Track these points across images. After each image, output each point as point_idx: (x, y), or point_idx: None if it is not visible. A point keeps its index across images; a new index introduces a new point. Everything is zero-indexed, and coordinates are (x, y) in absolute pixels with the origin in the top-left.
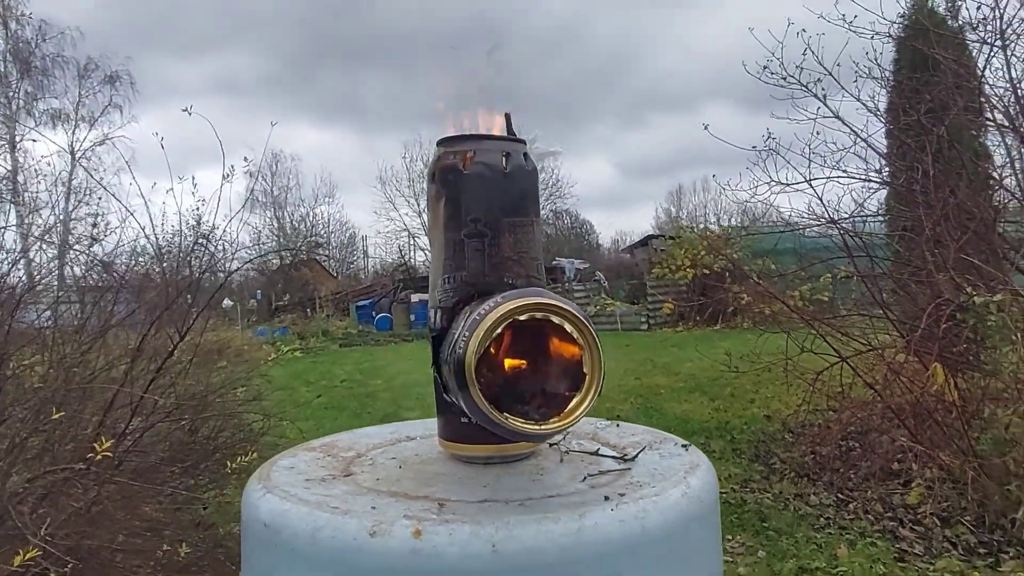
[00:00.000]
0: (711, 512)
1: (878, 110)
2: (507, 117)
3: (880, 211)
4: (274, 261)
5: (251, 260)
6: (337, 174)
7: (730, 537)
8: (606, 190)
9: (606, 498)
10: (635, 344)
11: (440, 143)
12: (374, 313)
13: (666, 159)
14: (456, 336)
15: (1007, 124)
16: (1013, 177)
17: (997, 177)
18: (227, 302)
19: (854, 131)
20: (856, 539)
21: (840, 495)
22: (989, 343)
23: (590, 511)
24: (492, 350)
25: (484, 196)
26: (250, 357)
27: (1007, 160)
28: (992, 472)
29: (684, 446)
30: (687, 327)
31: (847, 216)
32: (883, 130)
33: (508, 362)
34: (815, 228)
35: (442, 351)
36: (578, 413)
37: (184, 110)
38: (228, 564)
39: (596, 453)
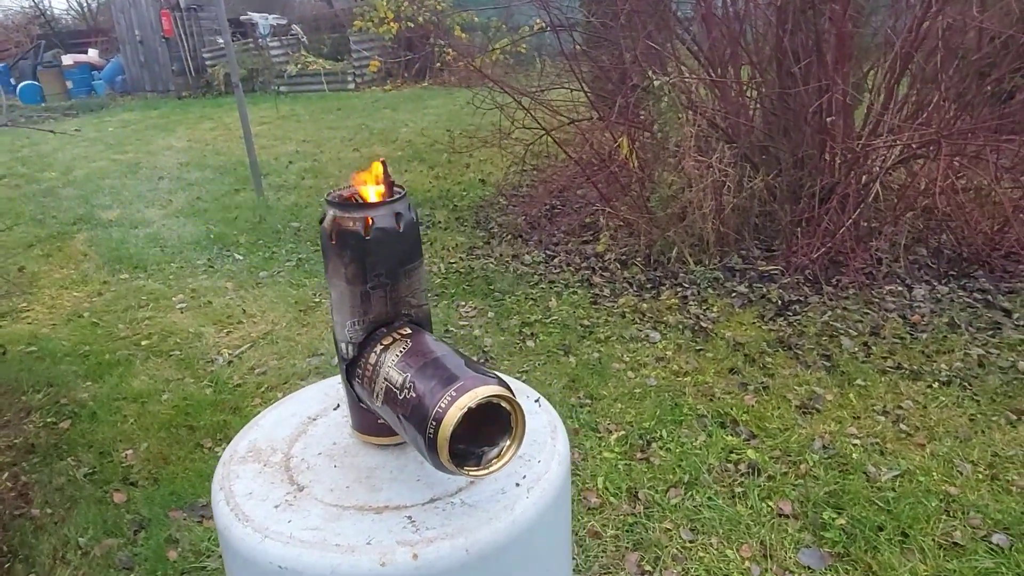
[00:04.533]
0: (569, 470)
1: None
2: (383, 164)
3: None
4: None
5: None
6: None
7: (463, 303)
8: None
9: (517, 484)
10: (346, 107)
11: (333, 205)
12: (13, 80)
13: None
14: (402, 390)
15: None
16: None
17: None
18: None
19: None
20: (562, 290)
21: (548, 251)
22: (662, 119)
23: (517, 502)
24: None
25: (385, 255)
26: None
27: None
28: (658, 222)
29: (536, 401)
30: (395, 85)
31: None
32: None
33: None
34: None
35: (356, 372)
36: (509, 456)
37: None
38: None
39: None
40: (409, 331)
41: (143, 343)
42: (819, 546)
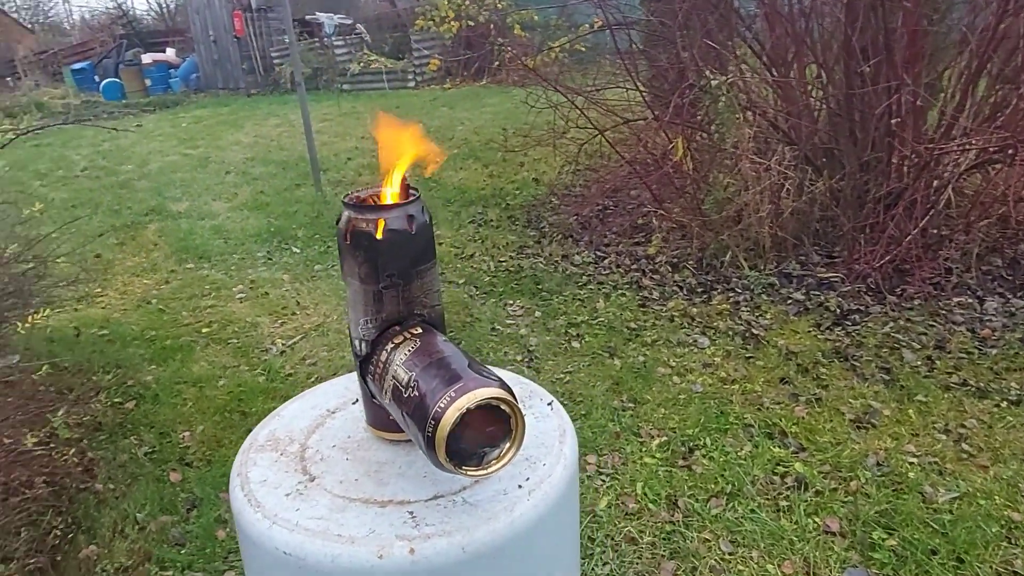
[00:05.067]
0: (576, 475)
1: None
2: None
3: None
4: None
5: None
6: None
7: (511, 301)
8: None
9: (519, 486)
10: (405, 105)
11: (348, 207)
12: (97, 78)
13: None
14: (405, 384)
15: None
16: None
17: None
18: None
19: None
20: (611, 292)
21: (598, 252)
22: (719, 120)
23: (517, 504)
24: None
25: (397, 256)
26: None
27: None
28: (711, 225)
29: (549, 404)
30: (454, 84)
31: None
32: None
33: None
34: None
35: (369, 369)
36: (510, 457)
37: None
38: None
39: None
40: (420, 331)
41: (204, 330)
42: (866, 567)
